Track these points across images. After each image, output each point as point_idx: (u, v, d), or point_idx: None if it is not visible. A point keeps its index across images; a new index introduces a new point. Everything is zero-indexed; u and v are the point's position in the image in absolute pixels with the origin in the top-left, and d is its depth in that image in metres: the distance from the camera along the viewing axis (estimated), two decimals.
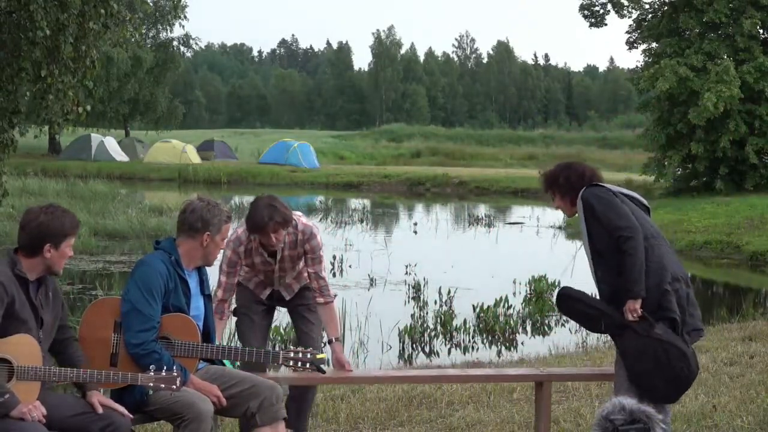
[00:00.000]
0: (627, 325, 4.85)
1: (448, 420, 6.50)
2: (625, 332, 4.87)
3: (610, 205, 4.95)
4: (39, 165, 37.67)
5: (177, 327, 4.59)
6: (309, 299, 5.62)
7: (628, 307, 4.84)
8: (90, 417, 4.21)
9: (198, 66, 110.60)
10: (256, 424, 4.63)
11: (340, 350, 5.46)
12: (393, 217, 28.65)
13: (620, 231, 4.86)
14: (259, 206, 5.20)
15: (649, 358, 4.79)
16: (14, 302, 4.11)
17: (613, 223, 4.89)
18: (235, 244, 5.37)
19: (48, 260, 4.26)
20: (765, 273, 17.63)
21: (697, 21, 26.70)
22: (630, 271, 4.81)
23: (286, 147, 42.72)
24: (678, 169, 27.74)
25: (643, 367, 4.80)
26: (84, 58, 12.19)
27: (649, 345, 4.80)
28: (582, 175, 5.15)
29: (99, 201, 23.86)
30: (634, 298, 4.82)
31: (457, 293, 12.85)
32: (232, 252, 5.37)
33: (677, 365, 4.79)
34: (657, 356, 4.79)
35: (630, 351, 4.84)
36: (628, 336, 4.85)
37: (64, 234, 4.28)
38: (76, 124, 14.91)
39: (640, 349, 4.81)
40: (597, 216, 4.93)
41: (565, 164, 5.30)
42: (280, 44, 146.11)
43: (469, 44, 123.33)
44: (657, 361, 4.78)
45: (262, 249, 5.38)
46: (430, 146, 56.57)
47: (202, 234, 4.69)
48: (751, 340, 9.36)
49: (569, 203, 5.17)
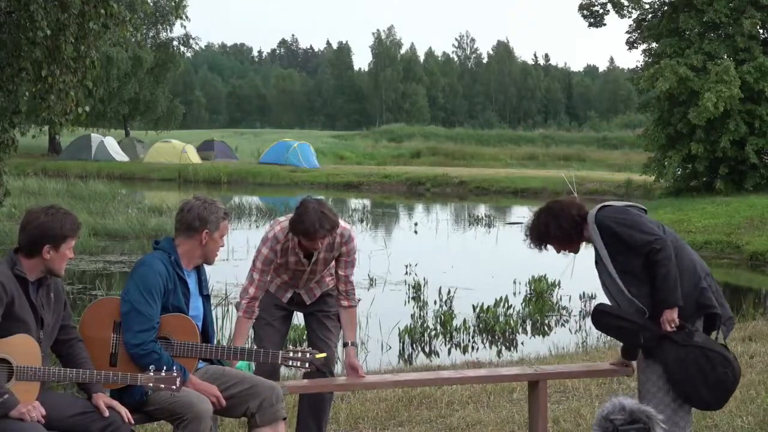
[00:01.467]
0: (666, 336, 4.77)
1: (448, 420, 6.50)
2: (664, 343, 4.79)
3: (630, 222, 4.81)
4: (39, 165, 37.70)
5: (176, 327, 4.59)
6: (329, 306, 5.57)
7: (666, 317, 4.76)
8: (90, 417, 4.21)
9: (198, 66, 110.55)
10: (256, 425, 4.63)
11: (353, 354, 5.43)
12: (393, 217, 28.65)
13: (650, 245, 4.73)
14: (309, 212, 5.11)
15: (692, 365, 4.73)
16: (14, 302, 4.10)
17: (639, 239, 4.75)
18: (272, 243, 5.30)
19: (47, 261, 4.24)
20: (765, 273, 17.63)
21: (697, 21, 26.69)
22: (665, 281, 4.72)
23: (286, 147, 42.71)
24: (678, 169, 27.71)
25: (686, 375, 4.73)
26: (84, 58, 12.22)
27: (691, 353, 4.74)
28: (571, 217, 4.94)
29: (99, 201, 23.87)
30: (670, 308, 4.75)
31: (457, 293, 12.85)
32: (270, 250, 5.30)
33: (721, 371, 4.73)
34: (699, 364, 4.73)
35: (671, 361, 4.76)
36: (668, 346, 4.77)
37: (63, 236, 4.25)
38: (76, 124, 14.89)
39: (681, 358, 4.74)
40: (619, 237, 4.79)
41: (549, 215, 4.98)
42: (280, 44, 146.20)
43: (469, 44, 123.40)
44: (700, 369, 4.72)
45: (299, 249, 5.32)
46: (430, 146, 56.57)
47: (201, 232, 4.69)
48: (751, 340, 9.35)
49: (573, 244, 5.01)
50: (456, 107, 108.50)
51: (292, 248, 5.32)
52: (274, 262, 5.33)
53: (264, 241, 5.33)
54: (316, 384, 5.36)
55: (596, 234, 4.87)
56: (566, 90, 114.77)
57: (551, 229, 4.94)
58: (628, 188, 32.25)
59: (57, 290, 4.40)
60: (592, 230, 4.89)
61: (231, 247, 16.83)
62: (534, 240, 5.05)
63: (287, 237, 5.31)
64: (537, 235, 5.02)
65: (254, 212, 26.43)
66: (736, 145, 25.99)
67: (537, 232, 5.01)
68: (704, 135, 25.93)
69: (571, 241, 4.98)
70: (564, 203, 5.03)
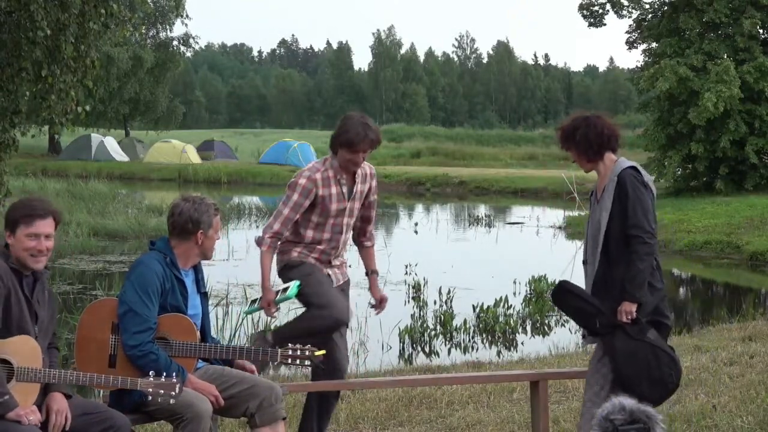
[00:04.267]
0: (619, 326, 4.78)
1: (448, 420, 6.50)
2: (616, 333, 4.79)
3: (643, 200, 4.77)
4: (39, 165, 37.70)
5: (174, 327, 4.58)
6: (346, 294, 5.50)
7: (624, 308, 4.75)
8: (91, 418, 4.20)
9: (198, 66, 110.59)
10: (256, 425, 4.63)
11: (376, 283, 5.54)
12: (393, 217, 28.64)
13: (640, 232, 4.71)
14: (354, 122, 5.13)
15: (641, 360, 4.73)
16: (11, 294, 4.10)
17: (638, 220, 4.73)
18: (311, 171, 5.22)
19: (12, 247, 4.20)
20: (765, 273, 17.61)
21: (697, 21, 26.69)
22: (636, 276, 4.71)
23: (286, 147, 42.71)
24: (678, 169, 27.71)
25: (632, 369, 4.74)
26: (84, 57, 12.22)
27: (641, 348, 4.75)
28: (601, 133, 4.92)
29: (99, 201, 23.86)
30: (632, 301, 4.74)
31: (457, 293, 12.85)
32: (308, 180, 5.19)
33: (666, 370, 4.75)
34: (647, 359, 4.74)
35: (621, 352, 4.76)
36: (621, 337, 4.77)
37: (14, 219, 4.21)
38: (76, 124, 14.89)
39: (631, 351, 4.74)
40: (627, 203, 4.76)
41: (582, 118, 5.01)
42: (280, 44, 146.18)
43: (469, 44, 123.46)
44: (647, 364, 4.74)
45: (340, 175, 5.24)
46: (430, 146, 56.49)
47: (195, 234, 4.69)
48: (751, 340, 9.35)
49: (586, 160, 4.99)
50: (456, 107, 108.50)
51: (333, 176, 5.25)
52: (312, 192, 5.19)
53: (292, 186, 5.21)
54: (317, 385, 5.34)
55: (612, 184, 4.84)
56: (566, 90, 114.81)
57: (577, 134, 4.96)
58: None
59: (50, 291, 4.39)
60: (610, 179, 4.86)
61: (231, 247, 16.84)
62: (561, 138, 5.08)
63: (324, 165, 5.25)
64: (564, 134, 5.04)
65: (254, 212, 26.43)
66: (736, 145, 25.98)
67: (566, 131, 5.03)
68: (704, 135, 25.92)
69: (587, 155, 4.96)
70: (601, 118, 5.03)
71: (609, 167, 4.94)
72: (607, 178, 4.90)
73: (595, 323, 4.84)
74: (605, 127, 4.95)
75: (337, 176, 5.27)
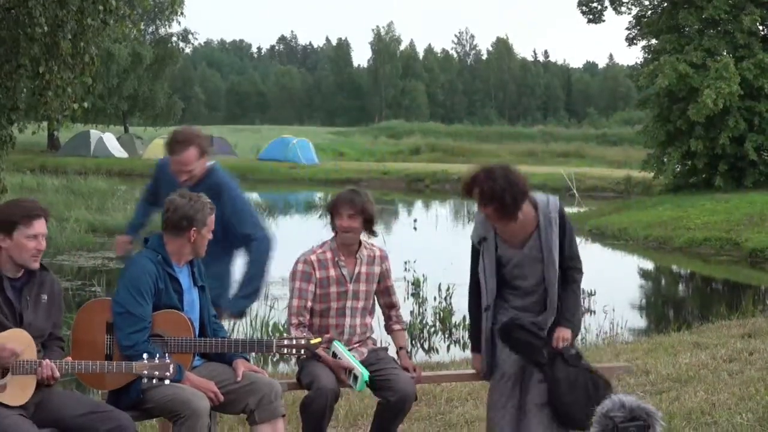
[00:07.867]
0: (557, 355, 4.86)
1: (447, 416, 6.50)
2: (555, 361, 4.86)
3: (571, 231, 4.98)
4: (38, 161, 37.66)
5: (170, 324, 4.57)
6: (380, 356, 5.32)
7: (560, 335, 4.88)
8: (97, 417, 4.18)
9: (197, 62, 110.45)
10: (255, 422, 4.62)
11: (406, 357, 5.44)
12: (392, 213, 28.63)
13: (577, 264, 4.97)
14: (345, 190, 5.24)
15: (581, 388, 4.80)
16: None
17: (575, 252, 4.97)
18: (306, 254, 5.16)
19: (6, 250, 4.14)
20: (764, 270, 17.61)
21: (697, 17, 26.67)
22: (575, 304, 4.97)
23: (285, 143, 42.68)
24: (677, 165, 27.69)
25: (574, 396, 4.78)
26: (82, 54, 12.19)
27: (581, 375, 4.85)
28: (524, 192, 4.76)
29: (97, 197, 23.85)
30: (568, 328, 4.91)
31: (456, 290, 12.82)
32: (304, 263, 5.12)
33: (602, 394, 4.65)
34: (587, 387, 4.82)
35: (563, 381, 4.81)
36: (560, 366, 4.84)
37: (12, 221, 4.13)
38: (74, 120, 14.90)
39: (572, 379, 4.82)
40: (567, 237, 4.91)
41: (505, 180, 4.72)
42: (279, 40, 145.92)
43: (468, 41, 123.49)
44: (586, 391, 4.80)
45: (338, 259, 5.16)
46: (430, 143, 56.47)
47: (189, 231, 4.67)
48: (750, 336, 9.34)
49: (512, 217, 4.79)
50: (455, 104, 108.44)
51: (332, 258, 5.17)
52: (312, 275, 5.10)
53: (291, 275, 5.16)
54: None
55: (556, 219, 4.85)
56: (565, 86, 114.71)
57: (506, 197, 4.70)
58: (628, 185, 32.21)
59: (51, 293, 4.32)
60: (551, 217, 4.84)
61: None
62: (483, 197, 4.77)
63: (322, 248, 5.20)
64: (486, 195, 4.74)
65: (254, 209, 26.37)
66: (735, 141, 25.97)
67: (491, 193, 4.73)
68: (704, 132, 25.90)
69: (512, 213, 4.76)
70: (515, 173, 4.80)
71: (528, 211, 4.85)
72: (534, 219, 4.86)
73: (543, 356, 4.88)
74: (522, 182, 4.78)
75: (336, 258, 5.18)
